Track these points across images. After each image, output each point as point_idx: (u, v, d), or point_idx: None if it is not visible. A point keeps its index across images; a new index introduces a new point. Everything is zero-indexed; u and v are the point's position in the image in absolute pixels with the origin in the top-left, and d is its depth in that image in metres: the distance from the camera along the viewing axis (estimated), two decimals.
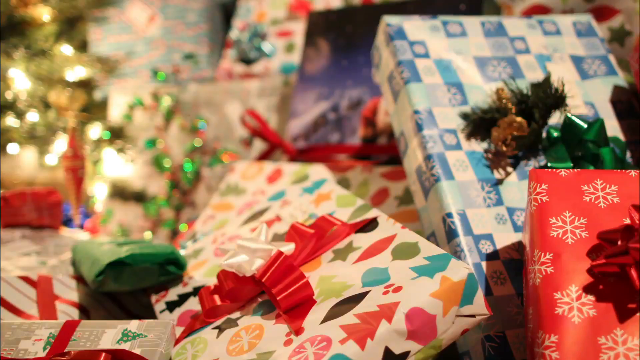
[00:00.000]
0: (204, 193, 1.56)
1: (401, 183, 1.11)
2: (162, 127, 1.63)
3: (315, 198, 1.02)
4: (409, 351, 0.72)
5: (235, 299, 0.87)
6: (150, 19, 1.78)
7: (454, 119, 0.98)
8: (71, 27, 1.61)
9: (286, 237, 0.92)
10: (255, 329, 0.81)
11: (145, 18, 1.78)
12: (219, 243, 1.06)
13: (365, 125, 1.26)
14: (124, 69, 1.75)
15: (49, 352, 0.83)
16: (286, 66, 1.57)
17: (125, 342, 0.83)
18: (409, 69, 1.01)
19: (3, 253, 1.17)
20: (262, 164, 1.27)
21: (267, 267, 0.84)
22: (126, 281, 0.99)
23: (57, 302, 1.03)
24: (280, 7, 1.64)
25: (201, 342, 0.84)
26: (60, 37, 1.55)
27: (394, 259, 0.80)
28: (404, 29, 1.05)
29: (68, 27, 1.60)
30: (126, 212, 1.67)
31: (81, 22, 1.63)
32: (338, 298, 0.78)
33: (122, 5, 1.80)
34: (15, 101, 1.48)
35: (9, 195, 1.27)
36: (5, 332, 0.87)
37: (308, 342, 0.74)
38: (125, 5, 1.81)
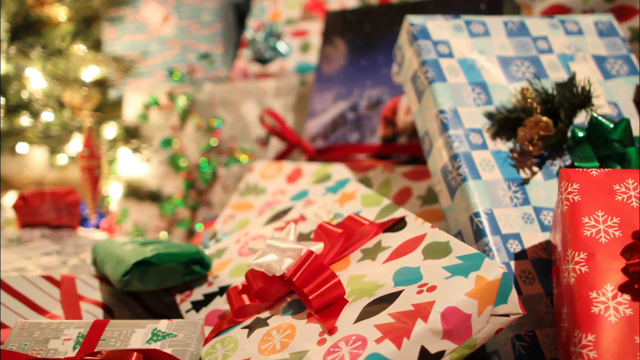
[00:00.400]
0: (219, 193, 1.56)
1: (423, 183, 1.11)
2: (178, 127, 1.63)
3: (339, 197, 1.02)
4: (444, 350, 0.72)
5: (264, 298, 0.87)
6: (164, 19, 1.78)
7: (479, 119, 0.98)
8: (87, 27, 1.61)
9: (314, 237, 0.92)
10: (287, 329, 0.81)
11: (159, 18, 1.78)
12: (243, 243, 1.06)
13: (385, 124, 1.26)
14: (139, 68, 1.74)
15: (79, 352, 0.83)
16: (302, 66, 1.57)
17: (155, 342, 0.83)
18: (433, 69, 1.01)
19: (23, 252, 1.18)
20: (281, 163, 1.27)
21: (297, 267, 0.84)
22: (151, 281, 0.99)
23: (81, 302, 1.02)
24: (294, 6, 1.64)
25: (231, 342, 0.84)
26: (76, 37, 1.55)
27: (425, 258, 0.80)
28: (428, 28, 1.05)
29: (84, 27, 1.60)
30: (141, 211, 1.67)
31: (97, 21, 1.62)
32: (370, 297, 0.78)
33: (136, 4, 1.80)
34: (30, 101, 1.48)
35: (28, 194, 1.27)
36: (34, 332, 0.87)
37: (342, 341, 0.74)
38: (140, 4, 1.81)
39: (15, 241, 1.22)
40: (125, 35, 1.83)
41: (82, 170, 1.44)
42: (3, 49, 1.41)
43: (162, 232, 1.64)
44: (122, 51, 1.79)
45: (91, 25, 1.61)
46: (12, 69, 1.45)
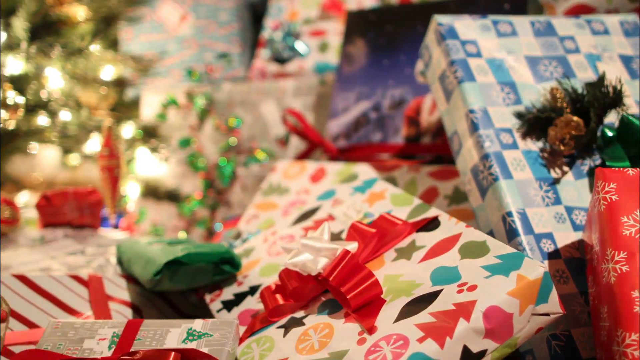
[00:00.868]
0: (239, 192, 1.56)
1: (450, 182, 1.11)
2: (196, 127, 1.63)
3: (368, 197, 1.02)
4: (486, 350, 0.72)
5: (299, 298, 0.87)
6: (181, 18, 1.78)
7: (509, 118, 0.98)
8: (107, 26, 1.61)
9: (347, 237, 0.92)
10: (325, 328, 0.81)
11: (176, 17, 1.77)
12: (271, 242, 1.06)
13: (408, 124, 1.26)
14: (156, 68, 1.74)
15: (115, 352, 0.83)
16: (320, 65, 1.57)
17: (191, 342, 0.83)
18: (462, 69, 1.01)
19: (48, 252, 1.17)
20: (304, 163, 1.27)
21: (333, 266, 0.84)
22: (181, 280, 0.99)
23: (110, 302, 1.02)
24: (312, 6, 1.63)
25: (267, 341, 0.84)
26: (96, 36, 1.55)
27: (462, 257, 0.80)
28: (455, 28, 1.05)
29: (104, 26, 1.59)
30: (159, 211, 1.66)
31: (115, 21, 1.62)
32: (409, 297, 0.78)
33: (153, 4, 1.80)
34: (49, 100, 1.48)
35: (51, 194, 1.27)
36: (68, 331, 0.87)
37: (383, 340, 0.74)
38: (157, 4, 1.81)
39: (39, 241, 1.22)
40: (142, 34, 1.83)
41: (102, 170, 1.43)
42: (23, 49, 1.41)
43: (180, 232, 1.64)
44: (139, 51, 1.79)
45: (110, 25, 1.61)
46: (32, 68, 1.45)
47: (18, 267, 1.11)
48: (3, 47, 1.40)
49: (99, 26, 1.57)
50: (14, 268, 1.10)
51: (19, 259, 1.14)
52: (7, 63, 1.40)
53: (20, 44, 1.41)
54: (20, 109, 1.38)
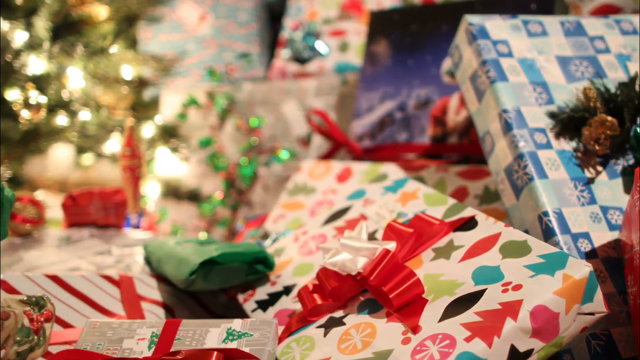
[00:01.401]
0: (260, 192, 1.56)
1: (480, 182, 1.11)
2: (217, 127, 1.63)
3: (400, 197, 1.02)
4: (533, 349, 0.72)
5: (337, 297, 0.87)
6: (201, 18, 1.77)
7: (542, 118, 0.98)
8: (129, 26, 1.61)
9: (383, 236, 0.92)
10: (366, 328, 0.81)
11: (196, 17, 1.77)
12: (302, 242, 1.06)
13: (434, 124, 1.26)
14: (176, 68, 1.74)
15: (155, 352, 0.83)
16: (341, 65, 1.57)
17: (231, 341, 0.83)
18: (494, 69, 1.01)
19: (76, 252, 1.17)
20: (330, 162, 1.27)
21: (374, 266, 0.84)
22: (215, 280, 0.99)
23: (142, 302, 1.02)
24: (331, 6, 1.63)
25: (307, 341, 0.84)
26: (118, 36, 1.55)
27: (504, 257, 0.80)
28: (486, 28, 1.05)
29: (126, 26, 1.59)
30: (179, 211, 1.66)
31: (137, 20, 1.62)
32: (451, 296, 0.78)
33: (173, 4, 1.80)
34: (70, 100, 1.48)
35: (76, 194, 1.27)
36: (107, 331, 0.87)
37: (429, 340, 0.74)
38: (176, 4, 1.81)
39: (65, 240, 1.22)
40: (162, 34, 1.83)
41: (124, 170, 1.43)
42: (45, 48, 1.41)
43: (201, 232, 1.64)
44: (158, 51, 1.79)
45: (132, 25, 1.61)
46: (54, 68, 1.45)
47: (47, 267, 1.11)
48: (25, 46, 1.40)
49: (121, 26, 1.56)
50: (43, 268, 1.10)
51: (47, 258, 1.14)
52: (29, 62, 1.40)
53: (42, 43, 1.41)
54: (42, 109, 1.38)
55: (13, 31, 1.38)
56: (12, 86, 1.40)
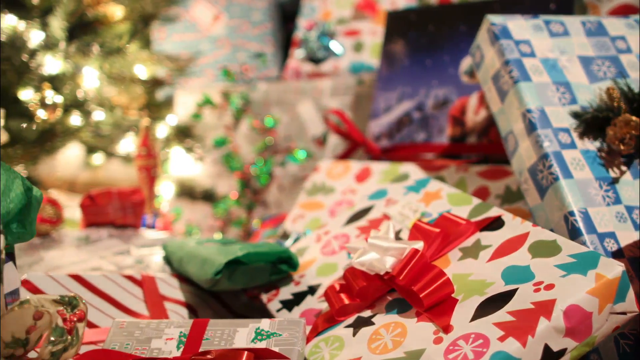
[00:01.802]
0: (275, 192, 1.56)
1: (501, 182, 1.11)
2: (232, 126, 1.63)
3: (423, 197, 1.02)
4: (566, 348, 0.72)
5: (365, 297, 0.87)
6: (215, 18, 1.77)
7: (566, 118, 0.98)
8: (144, 26, 1.60)
9: (409, 236, 0.92)
10: (396, 327, 0.81)
11: (209, 17, 1.77)
12: (324, 242, 1.06)
13: (453, 124, 1.26)
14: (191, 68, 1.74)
15: (184, 351, 0.83)
16: (355, 65, 1.57)
17: (260, 341, 0.83)
18: (517, 68, 1.01)
19: (96, 252, 1.17)
20: (348, 162, 1.27)
21: (403, 265, 0.84)
22: (239, 280, 0.99)
23: (165, 302, 1.02)
24: (345, 6, 1.63)
25: (336, 341, 0.84)
26: (134, 36, 1.55)
27: (533, 256, 0.81)
28: (509, 28, 1.05)
29: (141, 26, 1.59)
30: (194, 211, 1.66)
31: (152, 20, 1.62)
32: (482, 296, 0.79)
33: (186, 4, 1.80)
34: (85, 100, 1.47)
35: (95, 194, 1.27)
36: (134, 331, 0.87)
37: (461, 339, 0.74)
38: (190, 4, 1.81)
39: (84, 240, 1.22)
40: (175, 34, 1.83)
41: (139, 170, 1.43)
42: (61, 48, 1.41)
43: (216, 232, 1.64)
44: (171, 50, 1.79)
45: (148, 24, 1.61)
46: (70, 68, 1.45)
47: (68, 266, 1.10)
48: (41, 46, 1.40)
49: (137, 26, 1.56)
50: (64, 268, 1.10)
51: (68, 258, 1.14)
52: (45, 62, 1.40)
53: (58, 43, 1.41)
54: (58, 109, 1.38)
55: (29, 31, 1.37)
56: (28, 86, 1.40)
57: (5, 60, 1.40)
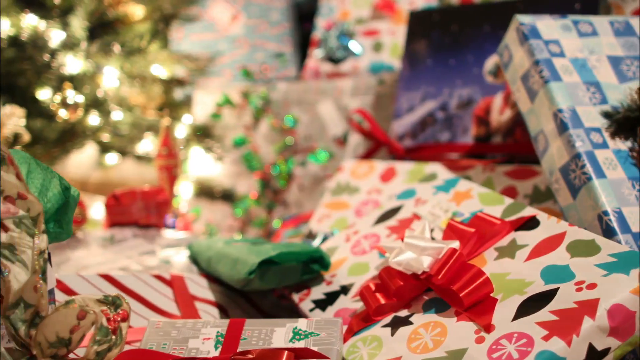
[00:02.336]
0: (295, 192, 1.56)
1: (529, 181, 1.11)
2: (251, 126, 1.63)
3: (453, 196, 1.02)
4: (610, 347, 0.72)
5: (402, 297, 0.87)
6: (233, 18, 1.77)
7: (597, 118, 0.99)
8: (165, 26, 1.60)
9: (443, 236, 0.92)
10: (436, 327, 0.81)
11: (228, 17, 1.77)
12: (354, 242, 1.06)
13: (478, 124, 1.26)
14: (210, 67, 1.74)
15: (223, 351, 0.83)
16: (375, 65, 1.57)
17: (298, 341, 0.83)
18: (548, 68, 1.01)
19: (123, 252, 1.17)
20: (372, 162, 1.27)
21: (441, 265, 0.84)
22: (271, 280, 0.99)
23: (196, 302, 1.02)
24: (364, 6, 1.63)
25: (374, 340, 0.84)
26: (155, 36, 1.55)
27: (572, 256, 0.81)
28: (538, 27, 1.06)
29: (162, 26, 1.59)
30: (213, 211, 1.66)
31: (173, 20, 1.62)
32: (522, 295, 0.79)
33: (204, 3, 1.80)
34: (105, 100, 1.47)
35: (120, 193, 1.26)
36: (171, 331, 0.87)
37: (504, 339, 0.74)
38: (208, 3, 1.81)
39: (109, 240, 1.22)
40: (193, 34, 1.83)
41: (160, 170, 1.43)
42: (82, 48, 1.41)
43: (236, 233, 1.63)
44: (189, 50, 1.79)
45: (168, 24, 1.61)
46: (90, 67, 1.44)
47: (96, 266, 1.10)
48: (61, 45, 1.40)
49: (158, 25, 1.56)
50: (92, 267, 1.10)
51: (95, 258, 1.14)
52: (66, 62, 1.40)
53: (80, 43, 1.41)
54: (80, 108, 1.38)
55: (50, 30, 1.37)
56: (48, 86, 1.40)
57: (26, 60, 1.40)
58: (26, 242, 0.73)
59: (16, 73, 1.43)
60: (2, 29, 1.38)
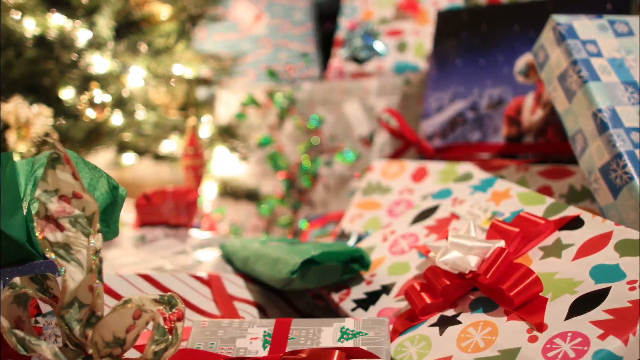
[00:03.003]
0: (321, 192, 1.56)
1: (564, 181, 1.11)
2: (276, 126, 1.63)
3: (492, 196, 1.02)
4: None
5: (448, 296, 0.87)
6: (256, 18, 1.77)
7: (636, 118, 0.99)
8: (192, 25, 1.60)
9: (487, 235, 0.92)
10: (486, 326, 0.81)
11: (251, 16, 1.77)
12: (391, 241, 1.06)
13: (509, 124, 1.26)
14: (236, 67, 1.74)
15: (271, 351, 0.83)
16: (400, 65, 1.57)
17: (347, 340, 0.83)
18: (586, 68, 1.01)
19: (156, 252, 1.17)
20: (402, 162, 1.27)
21: (490, 264, 0.84)
22: (311, 279, 0.99)
23: (235, 302, 1.02)
24: (387, 6, 1.63)
25: (422, 340, 0.84)
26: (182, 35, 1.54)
27: (621, 255, 0.81)
28: (574, 27, 1.06)
29: (189, 25, 1.59)
30: (237, 211, 1.66)
31: (200, 20, 1.62)
32: (573, 295, 0.79)
33: (227, 3, 1.79)
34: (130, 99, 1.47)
35: (151, 193, 1.26)
36: (217, 331, 0.87)
37: (558, 338, 0.74)
38: (231, 3, 1.81)
39: (141, 240, 1.22)
40: (215, 34, 1.82)
41: (186, 169, 1.43)
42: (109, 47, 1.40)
43: (262, 232, 1.63)
44: (212, 50, 1.79)
45: (195, 24, 1.61)
46: (117, 67, 1.44)
47: (132, 266, 1.10)
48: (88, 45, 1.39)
49: (185, 25, 1.56)
50: (128, 267, 1.10)
51: (129, 258, 1.14)
52: (93, 61, 1.40)
53: (106, 42, 1.41)
54: (107, 108, 1.38)
55: (76, 30, 1.37)
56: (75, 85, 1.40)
57: (51, 60, 1.39)
58: (81, 242, 0.73)
59: (41, 73, 1.42)
60: (28, 28, 1.38)
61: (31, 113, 1.30)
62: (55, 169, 0.72)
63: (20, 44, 1.37)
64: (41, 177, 0.72)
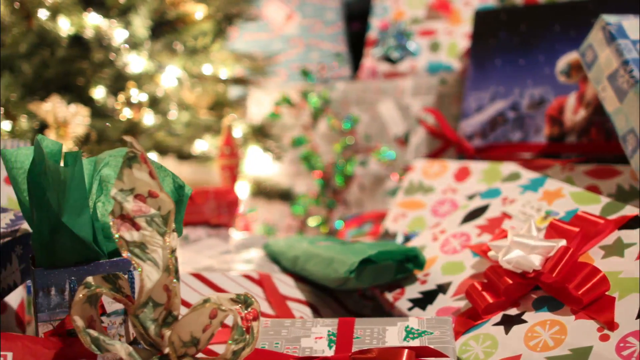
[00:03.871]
0: (356, 191, 1.56)
1: (611, 181, 1.11)
2: (310, 126, 1.62)
3: (543, 195, 1.02)
4: None
5: (510, 295, 0.87)
6: (287, 17, 1.77)
7: None
8: (228, 25, 1.60)
9: (546, 235, 0.92)
10: (554, 325, 0.81)
11: (282, 16, 1.77)
12: (442, 241, 1.06)
13: (551, 124, 1.27)
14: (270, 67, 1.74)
15: (338, 350, 0.82)
16: (433, 65, 1.58)
17: (412, 339, 0.83)
18: (638, 68, 1.02)
19: (202, 251, 1.17)
20: (444, 162, 1.27)
21: (554, 263, 0.84)
22: (366, 279, 0.99)
23: (288, 301, 1.02)
24: (418, 6, 1.64)
25: (487, 339, 0.84)
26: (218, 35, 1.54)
27: None
28: (624, 27, 1.06)
29: (225, 25, 1.59)
30: (270, 210, 1.66)
31: (236, 19, 1.61)
32: None
33: (259, 3, 1.79)
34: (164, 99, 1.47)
35: (193, 193, 1.26)
36: (281, 330, 0.87)
37: (631, 336, 0.75)
38: (263, 3, 1.81)
39: (184, 239, 1.21)
40: (247, 33, 1.82)
41: (222, 169, 1.43)
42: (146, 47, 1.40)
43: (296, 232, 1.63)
44: (244, 49, 1.79)
45: (231, 24, 1.60)
46: (153, 66, 1.44)
47: (181, 265, 1.10)
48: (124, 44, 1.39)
49: (221, 24, 1.56)
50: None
51: None
52: (129, 61, 1.39)
53: (141, 42, 1.40)
54: (143, 107, 1.37)
55: (112, 29, 1.37)
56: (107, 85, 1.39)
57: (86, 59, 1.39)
58: (157, 241, 0.73)
59: (75, 72, 1.42)
60: (63, 28, 1.38)
61: (69, 112, 1.30)
62: (132, 168, 0.72)
63: (55, 44, 1.36)
64: (117, 177, 0.72)
